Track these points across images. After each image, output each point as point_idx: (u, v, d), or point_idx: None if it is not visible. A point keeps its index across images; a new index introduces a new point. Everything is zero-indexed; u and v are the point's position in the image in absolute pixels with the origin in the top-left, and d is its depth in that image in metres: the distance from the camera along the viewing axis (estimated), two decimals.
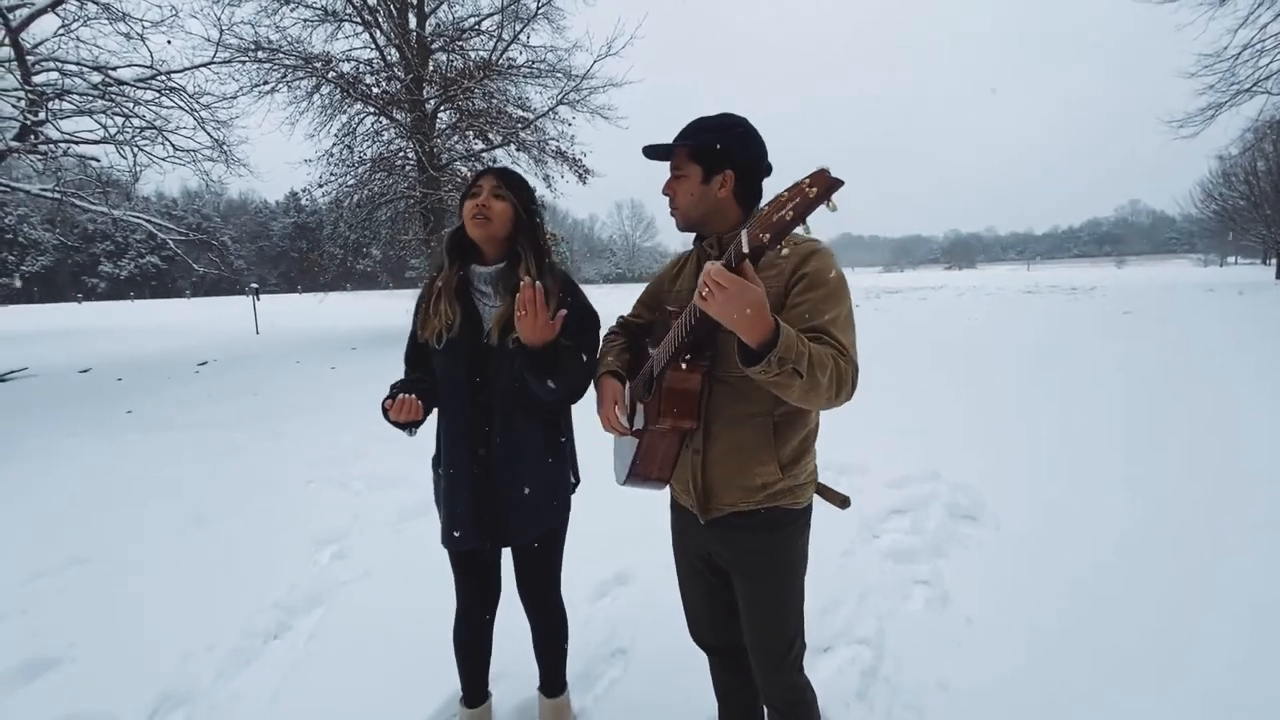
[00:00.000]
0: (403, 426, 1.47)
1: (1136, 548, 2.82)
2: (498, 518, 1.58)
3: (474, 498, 1.57)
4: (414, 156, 12.84)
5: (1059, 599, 2.44)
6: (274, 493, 3.95)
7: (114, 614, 2.54)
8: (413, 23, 13.14)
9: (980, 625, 2.30)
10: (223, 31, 10.24)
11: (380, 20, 12.21)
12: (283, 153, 13.52)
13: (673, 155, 1.31)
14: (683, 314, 1.17)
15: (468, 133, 13.41)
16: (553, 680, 1.83)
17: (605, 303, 2.20)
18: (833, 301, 1.17)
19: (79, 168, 10.17)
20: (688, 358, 1.22)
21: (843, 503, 1.34)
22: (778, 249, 0.95)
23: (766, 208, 0.91)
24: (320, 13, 12.61)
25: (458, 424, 1.58)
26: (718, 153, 1.26)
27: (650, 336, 1.47)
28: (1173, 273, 42.92)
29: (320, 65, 11.75)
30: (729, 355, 1.14)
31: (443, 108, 13.00)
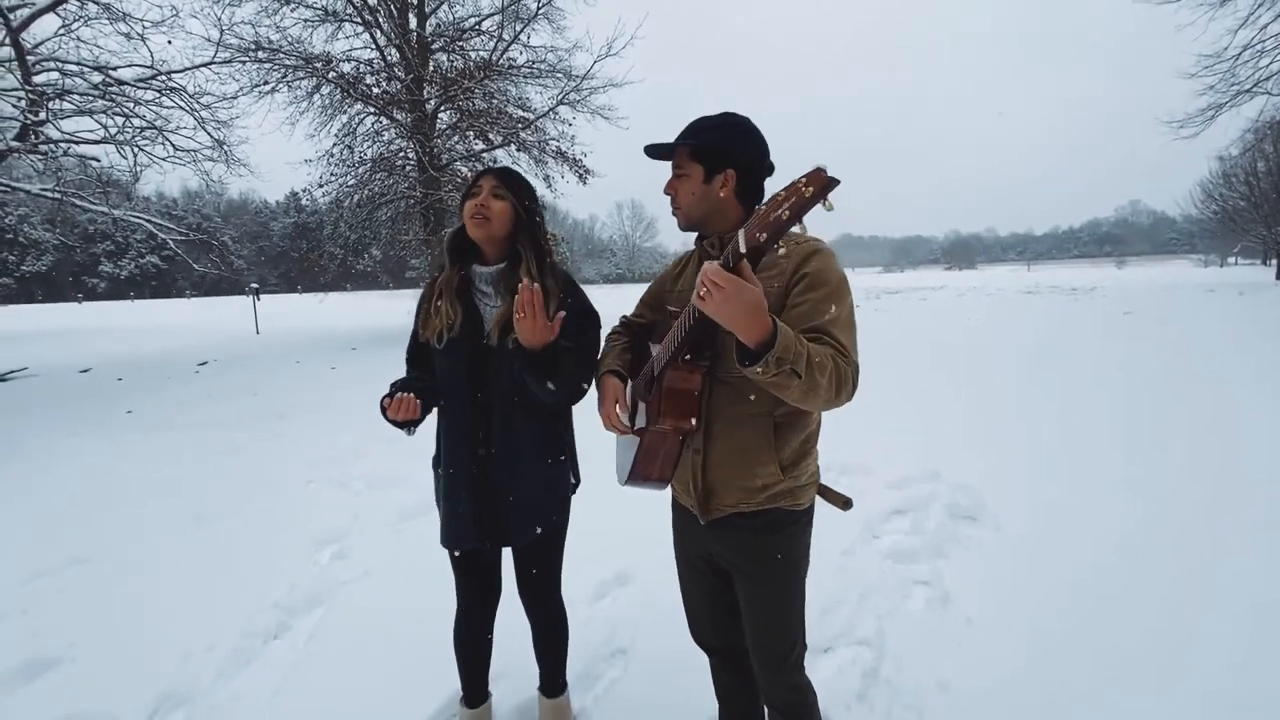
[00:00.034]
0: (401, 425, 1.47)
1: (1136, 548, 2.82)
2: (497, 518, 1.58)
3: (474, 498, 1.57)
4: (414, 157, 12.85)
5: (1059, 599, 2.44)
6: (274, 493, 3.95)
7: (114, 614, 2.54)
8: (413, 23, 13.15)
9: (980, 625, 2.30)
10: (223, 32, 10.28)
11: (380, 20, 12.22)
12: (283, 153, 13.55)
13: (674, 154, 1.31)
14: (682, 314, 1.17)
15: (468, 133, 13.43)
16: (553, 680, 1.83)
17: (606, 303, 2.20)
18: (833, 301, 1.17)
19: (79, 168, 10.18)
20: (687, 357, 1.22)
21: (845, 504, 1.34)
22: (775, 249, 0.95)
23: (763, 207, 0.91)
24: (320, 13, 12.63)
25: (458, 424, 1.58)
26: (719, 152, 1.26)
27: (653, 336, 1.47)
28: (1173, 273, 42.90)
29: (320, 65, 11.77)
30: (729, 356, 1.14)
31: (443, 108, 13.01)
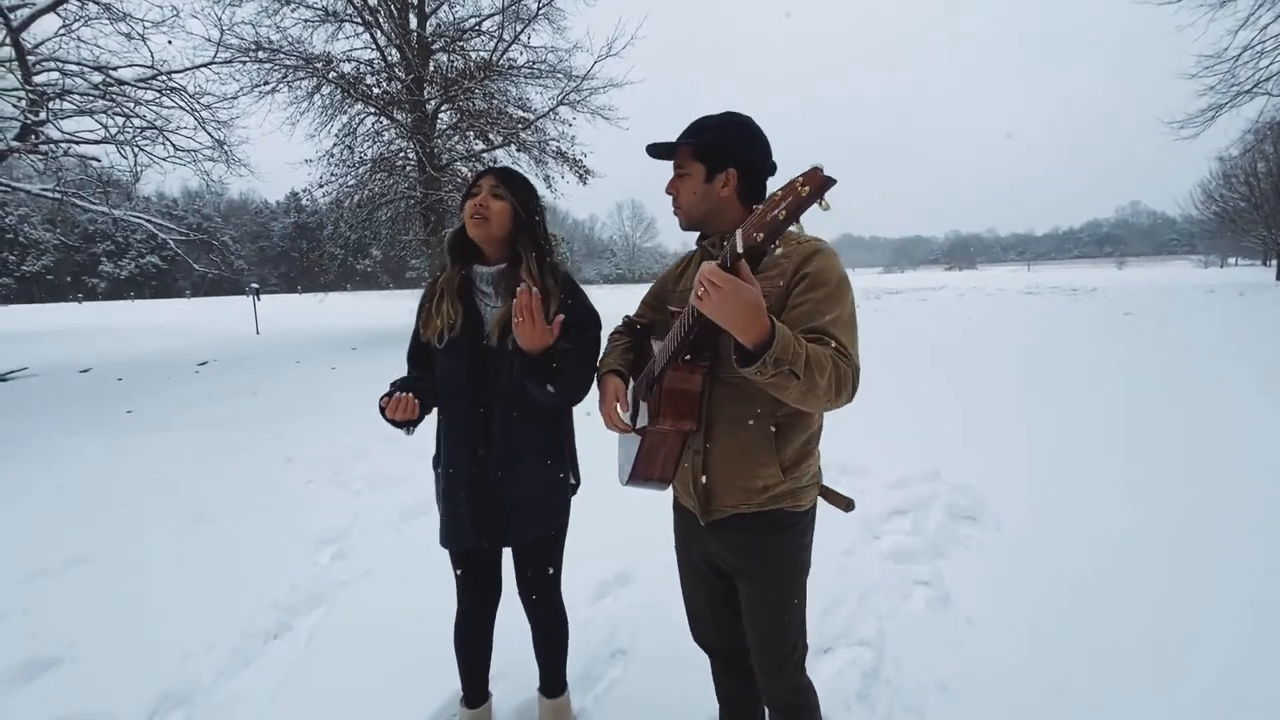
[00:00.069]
0: (400, 425, 1.47)
1: (1136, 548, 2.82)
2: (497, 518, 1.58)
3: (473, 498, 1.57)
4: (414, 157, 12.86)
5: (1059, 599, 2.44)
6: (274, 493, 3.95)
7: (114, 614, 2.54)
8: (413, 23, 13.16)
9: (980, 626, 2.29)
10: (223, 32, 10.29)
11: (381, 21, 12.23)
12: (283, 153, 13.55)
13: (676, 154, 1.31)
14: (683, 314, 1.17)
15: (468, 133, 13.43)
16: (553, 680, 1.83)
17: (606, 303, 2.20)
18: (834, 302, 1.17)
19: (79, 168, 10.19)
20: (687, 357, 1.22)
21: (847, 506, 1.33)
22: (775, 249, 0.94)
23: (761, 207, 0.91)
24: (321, 13, 12.63)
25: (458, 424, 1.58)
26: (721, 151, 1.26)
27: (655, 336, 1.47)
28: (1173, 274, 42.95)
29: (321, 65, 11.77)
30: (729, 356, 1.14)
31: (443, 108, 13.02)
